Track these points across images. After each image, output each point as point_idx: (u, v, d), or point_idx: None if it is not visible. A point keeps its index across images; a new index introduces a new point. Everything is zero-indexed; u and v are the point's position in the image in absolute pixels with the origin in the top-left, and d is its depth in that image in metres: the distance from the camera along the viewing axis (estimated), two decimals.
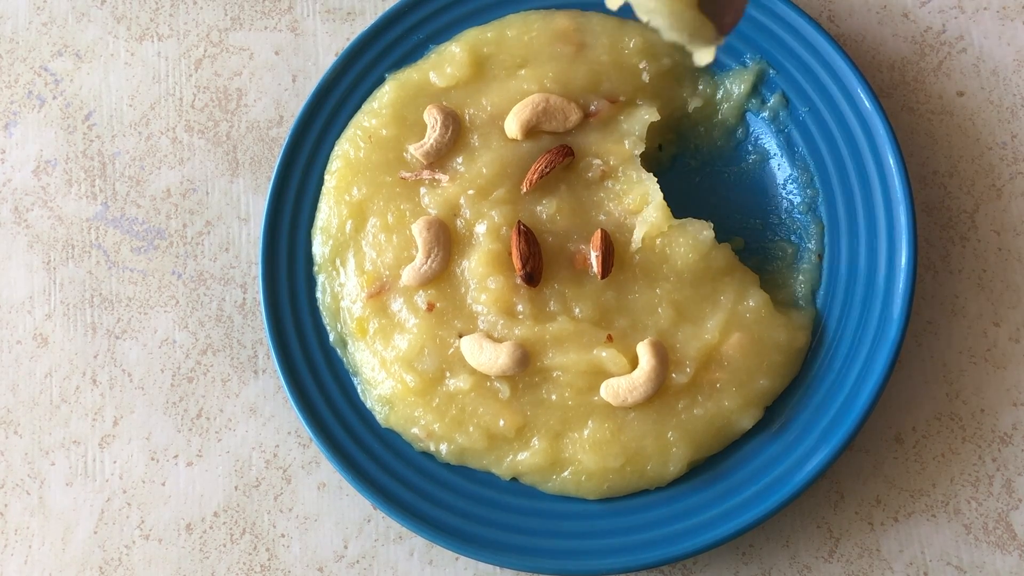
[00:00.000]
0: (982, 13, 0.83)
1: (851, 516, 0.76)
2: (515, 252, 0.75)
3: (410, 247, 0.76)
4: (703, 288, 0.75)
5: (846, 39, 0.82)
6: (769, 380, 0.74)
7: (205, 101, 0.83)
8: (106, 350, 0.80)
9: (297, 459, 0.78)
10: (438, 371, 0.74)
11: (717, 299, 0.75)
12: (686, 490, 0.74)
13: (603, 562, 0.72)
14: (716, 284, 0.76)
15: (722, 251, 0.76)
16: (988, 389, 0.78)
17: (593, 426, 0.73)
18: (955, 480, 0.77)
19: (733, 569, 0.76)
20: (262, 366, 0.80)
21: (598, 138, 0.77)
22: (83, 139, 0.83)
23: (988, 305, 0.79)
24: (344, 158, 0.78)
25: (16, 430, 0.79)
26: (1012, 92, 0.81)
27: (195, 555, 0.77)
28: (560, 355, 0.74)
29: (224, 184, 0.82)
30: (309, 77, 0.84)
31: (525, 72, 0.78)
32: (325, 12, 0.84)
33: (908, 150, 0.81)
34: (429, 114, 0.77)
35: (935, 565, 0.76)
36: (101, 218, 0.82)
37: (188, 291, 0.81)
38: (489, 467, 0.75)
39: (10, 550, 0.78)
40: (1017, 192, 0.80)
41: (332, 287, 0.77)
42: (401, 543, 0.77)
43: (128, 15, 0.85)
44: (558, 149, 0.76)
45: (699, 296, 0.75)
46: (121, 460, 0.79)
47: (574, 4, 0.80)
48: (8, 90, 0.84)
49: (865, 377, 0.74)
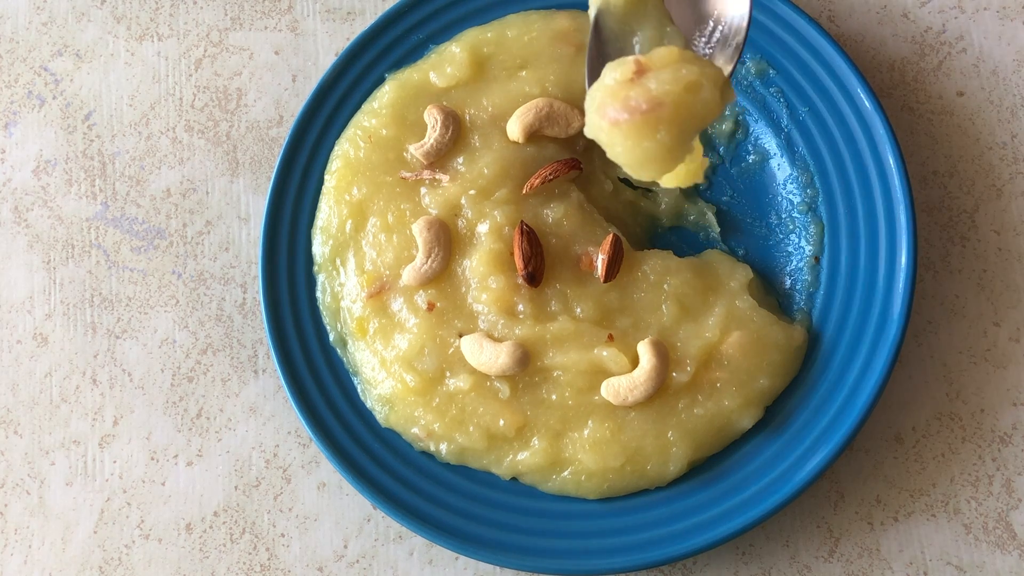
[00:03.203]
0: (982, 13, 0.83)
1: (851, 516, 0.76)
2: (517, 252, 0.75)
3: (410, 247, 0.76)
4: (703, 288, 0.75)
5: (846, 39, 0.82)
6: (769, 380, 0.74)
7: (205, 101, 0.83)
8: (106, 350, 0.80)
9: (297, 459, 0.78)
10: (438, 371, 0.74)
11: (717, 298, 0.75)
12: (686, 490, 0.74)
13: (603, 562, 0.72)
14: (716, 284, 0.76)
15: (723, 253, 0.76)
16: (988, 389, 0.78)
17: (593, 426, 0.73)
18: (955, 480, 0.77)
19: (733, 569, 0.76)
20: (262, 366, 0.80)
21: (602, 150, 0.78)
22: (83, 139, 0.83)
23: (988, 305, 0.79)
24: (344, 158, 0.78)
25: (16, 430, 0.79)
26: (1012, 92, 0.81)
27: (195, 555, 0.77)
28: (560, 355, 0.74)
29: (224, 184, 0.82)
30: (309, 77, 0.84)
31: (526, 73, 0.78)
32: (325, 12, 0.84)
33: (908, 150, 0.81)
34: (429, 114, 0.77)
35: (935, 565, 0.76)
36: (101, 218, 0.82)
37: (188, 291, 0.81)
38: (489, 467, 0.75)
39: (10, 550, 0.78)
40: (1017, 192, 0.80)
41: (332, 287, 0.77)
42: (401, 543, 0.77)
43: (128, 15, 0.85)
44: (567, 161, 0.76)
45: (699, 295, 0.75)
46: (121, 460, 0.79)
47: (574, 4, 0.80)
48: (8, 90, 0.84)
49: (865, 377, 0.74)
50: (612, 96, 0.59)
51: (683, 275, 0.75)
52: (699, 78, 0.60)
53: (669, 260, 0.76)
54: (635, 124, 0.59)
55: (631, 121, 0.58)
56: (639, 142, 0.59)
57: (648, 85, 0.59)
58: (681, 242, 0.78)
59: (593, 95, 0.61)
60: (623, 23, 0.64)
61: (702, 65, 0.61)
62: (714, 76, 0.61)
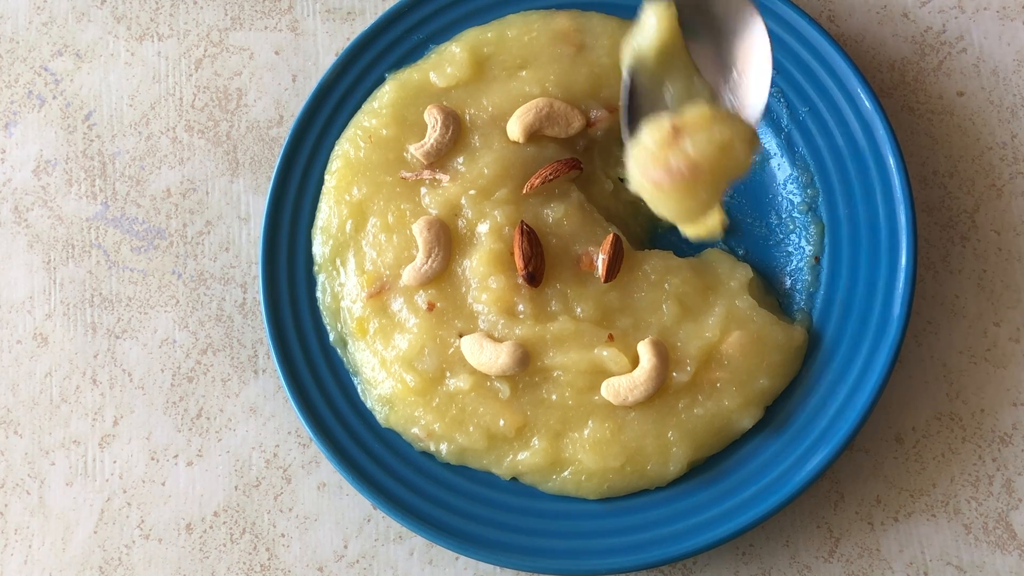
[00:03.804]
0: (982, 13, 0.83)
1: (851, 516, 0.76)
2: (517, 252, 0.75)
3: (410, 247, 0.76)
4: (703, 287, 0.75)
5: (846, 39, 0.82)
6: (769, 379, 0.74)
7: (205, 101, 0.83)
8: (106, 350, 0.80)
9: (297, 459, 0.78)
10: (438, 371, 0.74)
11: (717, 298, 0.75)
12: (686, 490, 0.74)
13: (603, 562, 0.72)
14: (716, 283, 0.76)
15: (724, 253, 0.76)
16: (988, 389, 0.78)
17: (593, 426, 0.73)
18: (955, 480, 0.77)
19: (733, 569, 0.76)
20: (262, 366, 0.80)
21: (602, 149, 0.78)
22: (83, 139, 0.83)
23: (988, 305, 0.79)
24: (344, 158, 0.78)
25: (16, 430, 0.79)
26: (1012, 92, 0.81)
27: (195, 555, 0.77)
28: (561, 355, 0.74)
29: (224, 184, 0.82)
30: (309, 77, 0.84)
31: (526, 73, 0.78)
32: (325, 12, 0.84)
33: (908, 150, 0.81)
34: (429, 114, 0.77)
35: (935, 565, 0.76)
36: (101, 218, 0.82)
37: (188, 291, 0.81)
38: (489, 467, 0.75)
39: (10, 550, 0.78)
40: (1017, 192, 0.80)
41: (332, 287, 0.77)
42: (401, 543, 0.77)
43: (128, 15, 0.85)
44: (568, 161, 0.76)
45: (699, 295, 0.75)
46: (121, 460, 0.79)
47: (574, 4, 0.80)
48: (8, 90, 0.84)
49: (865, 377, 0.74)
50: (654, 160, 0.64)
51: (683, 275, 0.75)
52: (731, 138, 0.64)
53: (669, 260, 0.76)
54: (677, 187, 0.64)
55: (673, 184, 0.64)
56: (682, 202, 0.65)
57: (685, 148, 0.63)
58: (681, 242, 0.78)
59: (636, 156, 0.65)
60: (654, 76, 0.69)
61: (733, 123, 0.64)
62: (744, 133, 0.64)
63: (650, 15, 0.68)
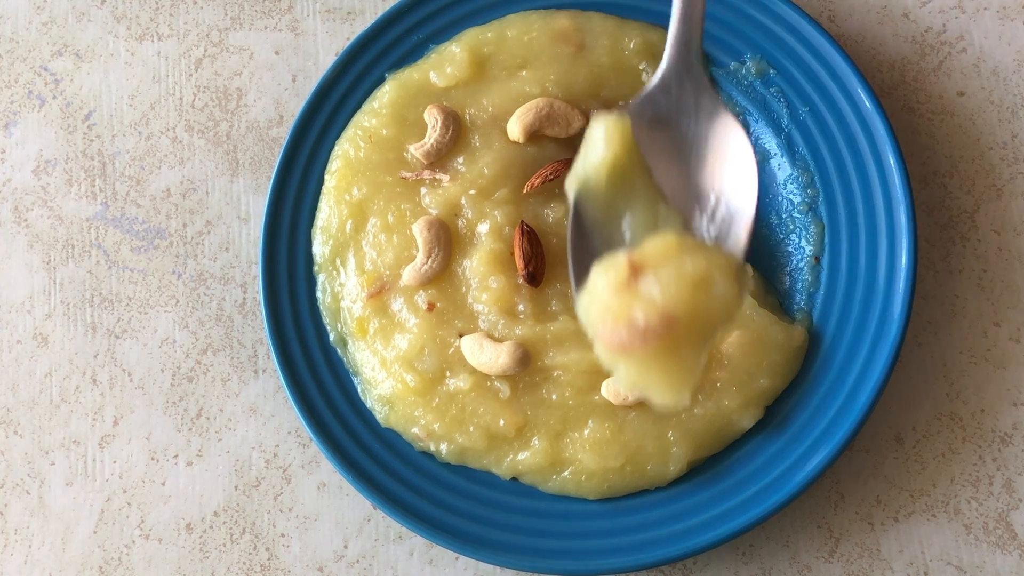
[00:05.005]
0: (982, 13, 0.83)
1: (851, 516, 0.76)
2: (518, 252, 0.75)
3: (410, 247, 0.76)
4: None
5: (846, 39, 0.82)
6: (769, 380, 0.74)
7: (205, 101, 0.83)
8: (106, 350, 0.80)
9: (297, 459, 0.78)
10: (438, 371, 0.74)
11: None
12: (686, 490, 0.74)
13: (603, 562, 0.72)
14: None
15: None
16: (988, 389, 0.78)
17: (593, 426, 0.73)
18: (955, 480, 0.77)
19: (733, 569, 0.76)
20: (262, 366, 0.80)
21: None
22: (83, 139, 0.83)
23: (988, 305, 0.79)
24: (344, 158, 0.78)
25: (16, 430, 0.79)
26: (1012, 92, 0.81)
27: (195, 555, 0.77)
28: (561, 355, 0.74)
29: (224, 184, 0.82)
30: (309, 77, 0.84)
31: (526, 73, 0.78)
32: (325, 12, 0.84)
33: (908, 150, 0.81)
34: (429, 114, 0.77)
35: (935, 565, 0.76)
36: (101, 218, 0.82)
37: (188, 291, 0.81)
38: (489, 467, 0.75)
39: (10, 550, 0.78)
40: (1017, 192, 0.80)
41: (332, 287, 0.77)
42: (401, 543, 0.77)
43: (128, 15, 0.85)
44: (568, 161, 0.76)
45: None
46: (121, 460, 0.79)
47: (574, 4, 0.80)
48: (8, 90, 0.84)
49: (865, 377, 0.74)
50: (611, 314, 0.48)
51: None
52: (707, 271, 0.50)
53: None
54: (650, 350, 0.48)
55: (645, 346, 0.48)
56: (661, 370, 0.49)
57: (650, 291, 0.48)
58: None
59: (586, 308, 0.50)
60: (608, 207, 0.55)
61: (707, 253, 0.50)
62: (723, 264, 0.51)
63: (598, 129, 0.55)
